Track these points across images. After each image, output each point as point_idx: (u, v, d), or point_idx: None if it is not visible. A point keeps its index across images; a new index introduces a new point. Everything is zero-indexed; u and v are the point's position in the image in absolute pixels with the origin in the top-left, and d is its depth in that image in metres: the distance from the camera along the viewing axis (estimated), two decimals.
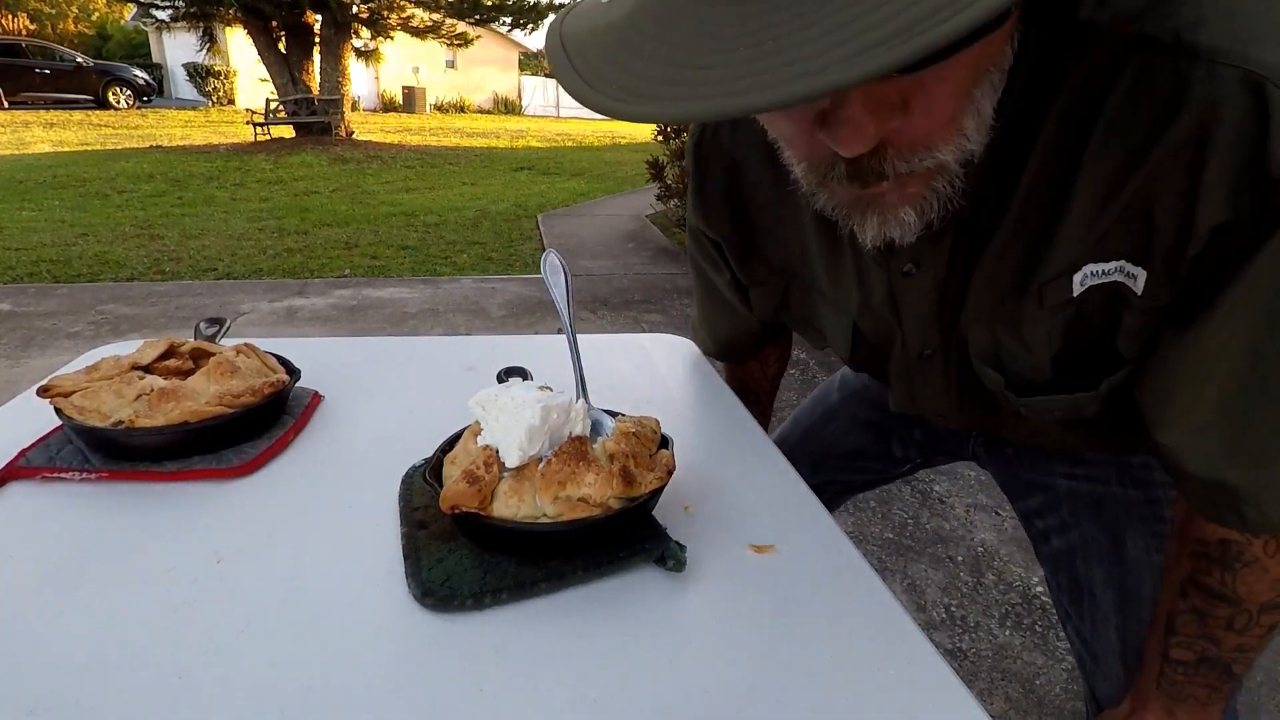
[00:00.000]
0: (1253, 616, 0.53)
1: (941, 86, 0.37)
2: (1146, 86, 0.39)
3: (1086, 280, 0.47)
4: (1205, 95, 0.38)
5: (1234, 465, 0.48)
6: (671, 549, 0.51)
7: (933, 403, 0.67)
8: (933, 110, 0.37)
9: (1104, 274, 0.46)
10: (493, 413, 0.53)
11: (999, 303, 0.52)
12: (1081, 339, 0.51)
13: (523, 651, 0.44)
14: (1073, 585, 0.71)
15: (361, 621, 0.46)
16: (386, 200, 6.59)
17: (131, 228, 5.31)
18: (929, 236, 0.50)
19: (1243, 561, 0.52)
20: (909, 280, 0.55)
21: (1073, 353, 0.52)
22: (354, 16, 10.94)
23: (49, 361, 2.90)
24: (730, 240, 0.69)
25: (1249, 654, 0.55)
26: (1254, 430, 0.46)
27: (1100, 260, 0.46)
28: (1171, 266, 0.44)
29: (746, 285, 0.72)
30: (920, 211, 0.43)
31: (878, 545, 1.87)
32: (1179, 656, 0.57)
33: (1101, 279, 0.47)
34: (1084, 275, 0.47)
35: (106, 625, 0.45)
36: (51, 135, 10.39)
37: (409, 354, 0.92)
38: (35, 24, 22.71)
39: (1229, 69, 0.37)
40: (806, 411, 1.01)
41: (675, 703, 0.40)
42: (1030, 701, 1.42)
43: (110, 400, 0.63)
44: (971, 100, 0.39)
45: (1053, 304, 0.49)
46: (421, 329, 3.39)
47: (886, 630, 0.46)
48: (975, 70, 0.38)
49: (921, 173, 0.40)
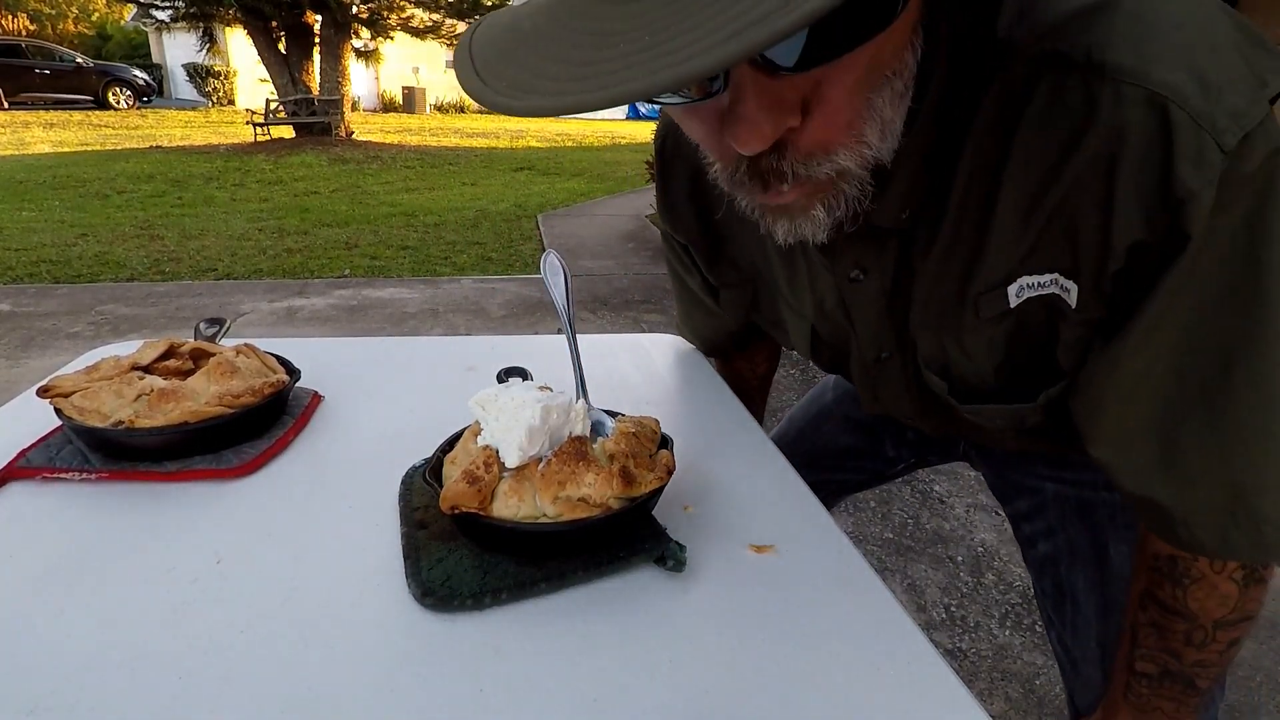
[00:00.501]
0: (1208, 633, 0.52)
1: (836, 89, 0.37)
2: (1060, 103, 0.40)
3: (1023, 292, 0.48)
4: (1112, 115, 0.38)
5: (1163, 484, 0.48)
6: (671, 549, 0.51)
7: (896, 405, 0.67)
8: (830, 113, 0.37)
9: (1040, 286, 0.47)
10: (493, 413, 0.53)
11: (941, 312, 0.52)
12: (1024, 350, 0.51)
13: (523, 651, 0.44)
14: (1056, 591, 0.71)
15: (361, 621, 0.46)
16: (386, 200, 6.59)
17: (131, 228, 5.31)
18: (874, 244, 0.51)
19: (1190, 578, 0.52)
20: (857, 286, 0.55)
21: (1016, 363, 0.53)
22: (354, 16, 10.94)
23: (49, 362, 2.90)
24: (697, 244, 0.70)
25: (1210, 669, 0.54)
26: (1181, 450, 0.46)
27: (1035, 273, 0.46)
28: (1097, 281, 0.44)
29: (717, 287, 0.73)
30: (829, 209, 0.43)
31: (878, 545, 1.87)
32: (1143, 669, 0.57)
33: (1038, 291, 0.47)
34: (1019, 287, 0.47)
35: (106, 625, 0.45)
36: (51, 135, 10.39)
37: (409, 354, 0.92)
38: (35, 24, 22.71)
39: (1134, 89, 0.37)
40: (801, 411, 1.01)
41: (675, 703, 0.40)
42: (1030, 701, 1.42)
43: (110, 400, 0.63)
44: (871, 107, 0.39)
45: (990, 315, 0.50)
46: (421, 329, 3.39)
47: (886, 630, 0.46)
48: (871, 74, 0.38)
49: (822, 178, 0.40)
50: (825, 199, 0.42)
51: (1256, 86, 0.37)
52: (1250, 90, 0.37)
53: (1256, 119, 0.37)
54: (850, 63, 0.36)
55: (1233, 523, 0.46)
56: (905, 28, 0.38)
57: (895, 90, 0.39)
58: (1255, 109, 0.37)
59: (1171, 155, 0.37)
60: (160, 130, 11.65)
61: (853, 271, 0.54)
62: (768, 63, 0.34)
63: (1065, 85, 0.39)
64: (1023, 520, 0.76)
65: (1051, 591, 0.72)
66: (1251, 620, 0.52)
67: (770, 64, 0.34)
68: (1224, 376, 0.43)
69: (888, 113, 0.40)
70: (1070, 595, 0.70)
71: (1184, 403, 0.45)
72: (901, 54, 0.39)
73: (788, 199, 0.41)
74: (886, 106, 0.39)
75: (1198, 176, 0.37)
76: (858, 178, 0.41)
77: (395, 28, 11.73)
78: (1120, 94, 0.38)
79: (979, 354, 0.53)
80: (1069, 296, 0.46)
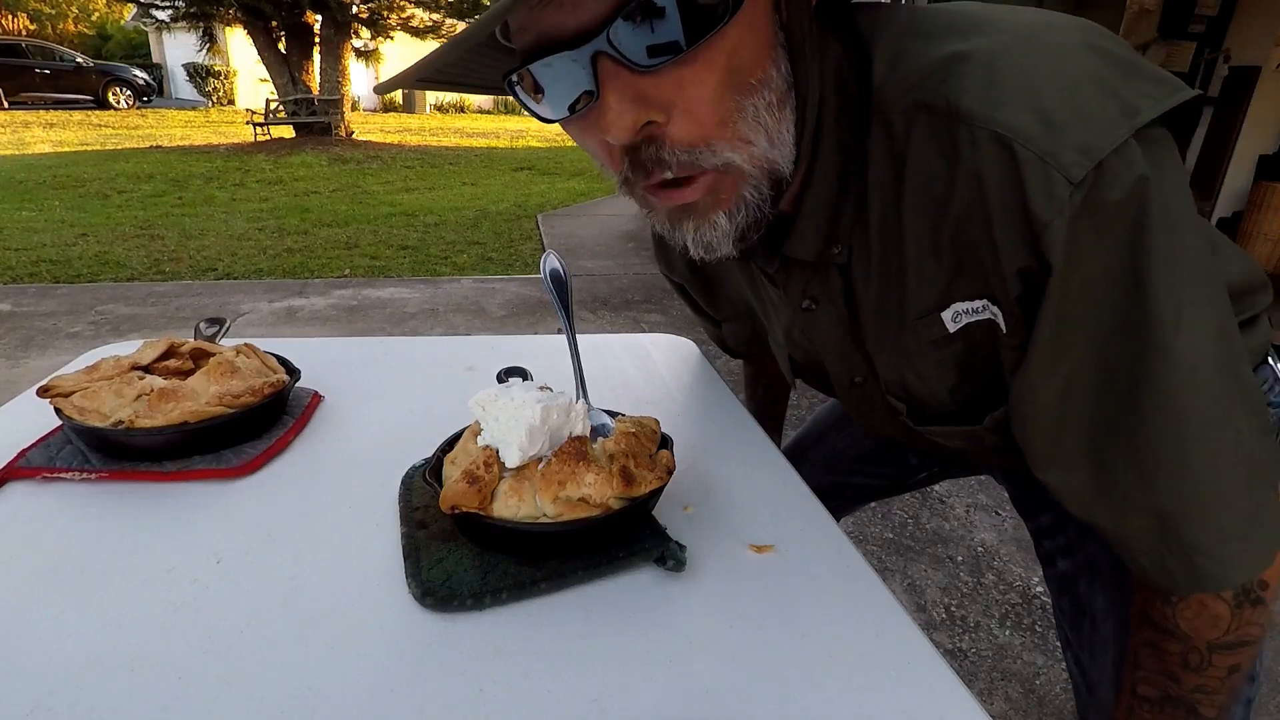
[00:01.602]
0: (1204, 656, 0.51)
1: (697, 88, 0.40)
2: (933, 149, 0.43)
3: (960, 318, 0.49)
4: (971, 157, 0.41)
5: (1101, 510, 0.48)
6: (671, 549, 0.51)
7: (884, 428, 0.67)
8: (695, 108, 0.40)
9: (974, 312, 0.48)
10: (493, 413, 0.53)
11: (889, 338, 0.54)
12: (975, 372, 0.53)
13: (523, 651, 0.44)
14: (1075, 610, 0.70)
15: (361, 621, 0.46)
16: (386, 200, 6.59)
17: (131, 228, 5.31)
18: (818, 276, 0.54)
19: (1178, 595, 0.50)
20: (811, 315, 0.58)
21: (969, 385, 0.54)
22: (354, 17, 10.94)
23: (49, 361, 2.90)
24: (691, 284, 0.76)
25: (1213, 696, 0.52)
26: (1111, 476, 0.45)
27: (966, 299, 0.48)
28: (1010, 307, 0.45)
29: (719, 321, 0.78)
30: (729, 216, 0.44)
31: (878, 545, 1.87)
32: (1144, 693, 0.55)
33: (974, 316, 0.48)
34: (954, 313, 0.49)
35: (106, 625, 0.45)
36: (51, 135, 10.39)
37: (409, 354, 0.92)
38: (35, 24, 22.71)
39: (984, 131, 0.40)
40: (825, 414, 1.02)
41: (675, 703, 0.40)
42: (1030, 701, 1.42)
43: (110, 400, 0.63)
44: (743, 109, 0.42)
45: (931, 339, 0.51)
46: (421, 329, 3.39)
47: (886, 630, 0.46)
48: (731, 78, 0.41)
49: (709, 168, 0.42)
50: (726, 206, 0.44)
51: (1116, 117, 0.38)
52: (1102, 123, 0.38)
53: (1109, 148, 0.38)
54: (704, 63, 0.39)
55: (1167, 551, 0.46)
56: (755, 39, 0.41)
57: (768, 100, 0.42)
58: (1107, 139, 0.38)
59: (1023, 190, 0.40)
60: (160, 130, 11.65)
61: (804, 302, 0.57)
62: (624, 60, 0.39)
63: (935, 133, 0.42)
64: (1044, 536, 0.75)
65: (1070, 610, 0.71)
66: (1252, 645, 0.50)
67: (627, 61, 0.39)
68: (1132, 403, 0.43)
69: (767, 119, 0.43)
70: (1089, 614, 0.68)
71: (1106, 427, 0.45)
72: (762, 64, 0.42)
73: (687, 198, 0.44)
74: (764, 113, 0.42)
75: (1048, 208, 0.39)
76: (752, 179, 0.44)
77: (395, 28, 11.73)
78: (975, 137, 0.40)
79: (930, 377, 0.55)
80: (1000, 320, 0.47)
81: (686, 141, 0.41)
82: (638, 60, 0.39)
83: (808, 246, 0.51)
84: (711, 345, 0.98)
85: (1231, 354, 0.43)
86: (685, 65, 0.39)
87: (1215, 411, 0.42)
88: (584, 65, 0.39)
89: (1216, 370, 0.42)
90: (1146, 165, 0.39)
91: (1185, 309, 0.41)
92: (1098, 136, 0.38)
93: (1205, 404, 0.42)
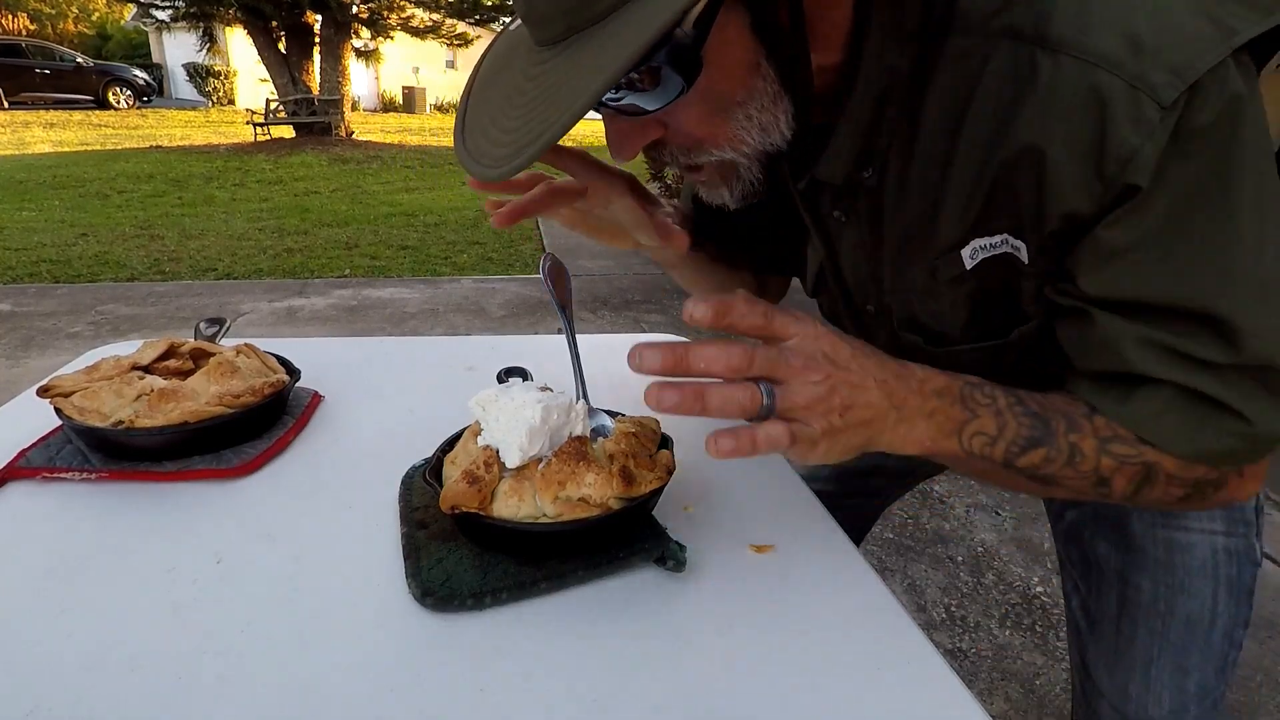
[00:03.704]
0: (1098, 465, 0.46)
1: (684, 122, 0.46)
2: (1009, 73, 0.43)
3: (977, 254, 0.50)
4: (1049, 85, 0.41)
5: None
6: (671, 549, 0.51)
7: None
8: (686, 135, 0.47)
9: (992, 247, 0.49)
10: (493, 413, 0.53)
11: (908, 276, 0.55)
12: (985, 308, 0.53)
13: (523, 651, 0.44)
14: (1082, 558, 0.73)
15: (361, 621, 0.46)
16: (386, 200, 6.59)
17: (131, 228, 5.31)
18: (849, 194, 0.55)
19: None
20: (841, 226, 0.58)
21: (980, 321, 0.55)
22: (354, 16, 10.93)
23: (49, 361, 2.90)
24: None
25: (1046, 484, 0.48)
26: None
27: (986, 235, 0.49)
28: (1041, 240, 0.46)
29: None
30: (730, 186, 0.51)
31: (878, 545, 1.87)
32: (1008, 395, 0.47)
33: (991, 251, 0.49)
34: (973, 249, 0.50)
35: (106, 625, 0.45)
36: (51, 135, 10.39)
37: (409, 354, 0.92)
38: (35, 24, 22.71)
39: (1071, 60, 0.40)
40: None
41: (675, 703, 0.40)
42: (1030, 701, 1.42)
43: (110, 400, 0.63)
44: (732, 123, 0.46)
45: (949, 278, 0.52)
46: (421, 329, 3.39)
47: (886, 630, 0.46)
48: (714, 107, 0.45)
49: (710, 163, 0.49)
50: (729, 184, 0.51)
51: (1211, 38, 0.38)
52: (1197, 44, 0.38)
53: (1203, 69, 0.38)
54: (684, 104, 0.44)
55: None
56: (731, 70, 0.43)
57: (759, 105, 0.45)
58: (1201, 60, 0.38)
59: (1106, 120, 0.39)
60: (160, 130, 11.65)
61: (835, 211, 0.57)
62: (615, 111, 0.46)
63: (1015, 56, 0.42)
64: None
65: (1078, 559, 0.73)
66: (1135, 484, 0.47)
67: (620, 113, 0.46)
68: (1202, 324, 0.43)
69: (762, 118, 0.46)
70: (1094, 560, 0.71)
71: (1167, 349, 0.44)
72: (743, 83, 0.44)
73: (696, 178, 0.52)
74: (756, 116, 0.46)
75: (1137, 133, 0.39)
76: (748, 163, 0.49)
77: (395, 28, 11.72)
78: (1059, 64, 0.40)
79: (944, 314, 0.55)
80: (1020, 254, 0.47)
81: (690, 149, 0.48)
82: (628, 113, 0.46)
83: (836, 170, 0.52)
84: None
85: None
86: (670, 109, 0.45)
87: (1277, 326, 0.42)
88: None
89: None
90: (1242, 85, 0.39)
91: (1270, 229, 0.41)
92: (1191, 57, 0.38)
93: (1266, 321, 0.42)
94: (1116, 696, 0.69)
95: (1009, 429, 0.46)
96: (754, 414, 0.40)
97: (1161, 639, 0.66)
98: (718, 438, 0.39)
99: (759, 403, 0.40)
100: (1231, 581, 0.65)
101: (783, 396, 0.40)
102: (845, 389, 0.41)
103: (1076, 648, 0.75)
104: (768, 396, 0.40)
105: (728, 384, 0.40)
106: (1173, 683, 0.66)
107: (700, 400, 0.39)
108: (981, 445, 0.46)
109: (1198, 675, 0.66)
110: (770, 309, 0.41)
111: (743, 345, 0.40)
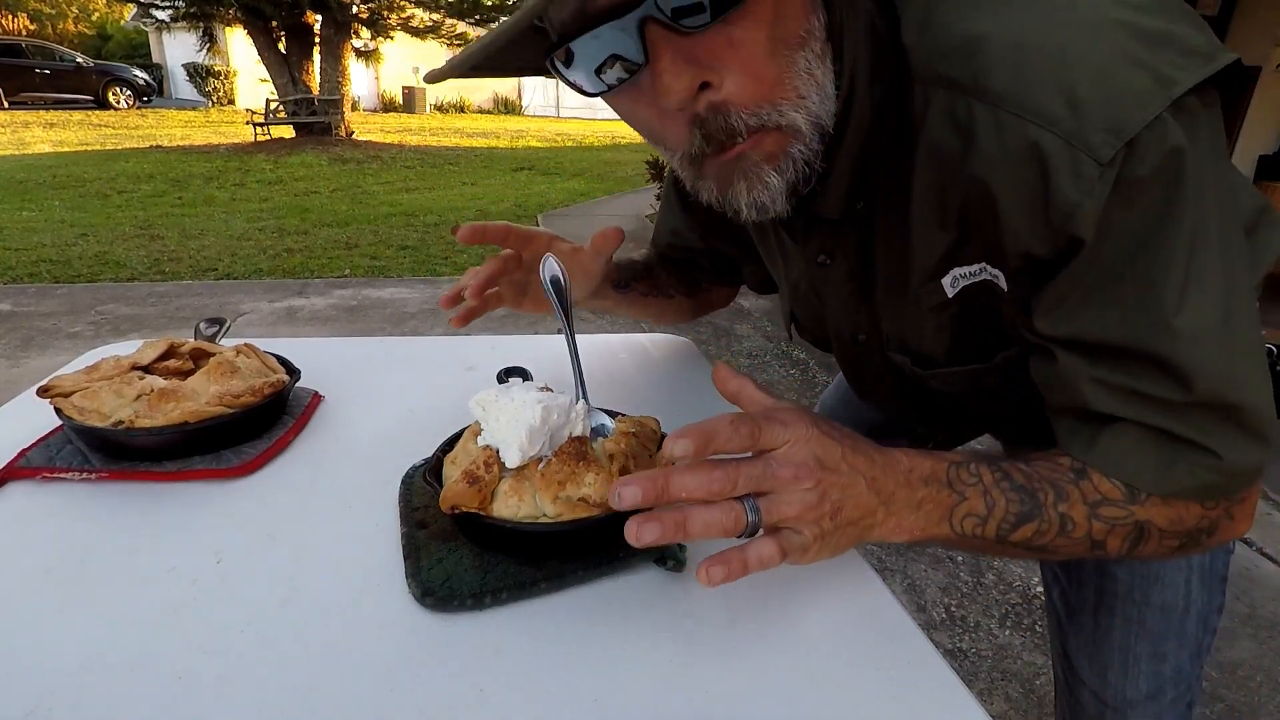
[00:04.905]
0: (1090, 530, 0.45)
1: (749, 47, 0.40)
2: (951, 123, 0.43)
3: (958, 282, 0.51)
4: (989, 141, 0.41)
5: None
6: (671, 549, 0.51)
7: (878, 387, 0.69)
8: (751, 66, 0.41)
9: (972, 275, 0.50)
10: (493, 413, 0.53)
11: (896, 299, 0.56)
12: (969, 333, 0.54)
13: (523, 651, 0.44)
14: None
15: (361, 621, 0.46)
16: (386, 200, 6.59)
17: (131, 228, 5.31)
18: (836, 232, 0.55)
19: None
20: (825, 270, 0.59)
21: (963, 345, 0.56)
22: (354, 16, 10.93)
23: (49, 361, 2.90)
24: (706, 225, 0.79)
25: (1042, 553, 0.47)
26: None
27: (964, 264, 0.49)
28: (1011, 274, 0.47)
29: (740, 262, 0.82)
30: (781, 173, 0.45)
31: (878, 545, 1.87)
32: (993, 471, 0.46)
33: (972, 279, 0.50)
34: (953, 278, 0.51)
35: (106, 625, 0.45)
36: (51, 135, 10.39)
37: (409, 354, 0.92)
38: (35, 24, 22.71)
39: (1010, 116, 0.40)
40: (831, 393, 1.03)
41: (675, 703, 0.40)
42: (1030, 701, 1.42)
43: (110, 400, 0.63)
44: (796, 66, 0.42)
45: (932, 305, 0.53)
46: (421, 329, 3.39)
47: (886, 630, 0.46)
48: (781, 31, 0.41)
49: (772, 127, 0.43)
50: (775, 163, 0.44)
51: (1148, 93, 0.38)
52: (1134, 99, 0.38)
53: (1140, 125, 0.38)
54: (752, 19, 0.40)
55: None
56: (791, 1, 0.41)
57: (815, 52, 0.43)
58: (1138, 116, 0.38)
59: (1048, 175, 0.40)
60: (160, 130, 11.65)
61: (820, 256, 0.58)
62: (672, 23, 0.39)
63: (955, 107, 0.43)
64: None
65: None
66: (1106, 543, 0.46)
67: (676, 24, 0.39)
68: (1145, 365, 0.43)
69: (817, 73, 0.43)
70: None
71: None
72: (805, 14, 0.42)
73: (741, 149, 0.44)
74: (814, 68, 0.43)
75: (1078, 189, 0.40)
76: (805, 137, 0.44)
77: (395, 28, 11.72)
78: (999, 120, 0.41)
79: (928, 339, 0.57)
80: (999, 281, 0.48)
81: (751, 103, 0.42)
82: (686, 22, 0.39)
83: (833, 205, 0.52)
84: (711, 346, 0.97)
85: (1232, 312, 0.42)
86: (734, 23, 0.39)
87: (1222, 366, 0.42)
88: (631, 34, 0.40)
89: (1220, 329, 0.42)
90: (1182, 136, 0.39)
91: (1193, 282, 0.41)
92: (1130, 112, 0.38)
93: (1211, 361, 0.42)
94: (1096, 683, 0.71)
95: (998, 507, 0.45)
96: (739, 534, 0.40)
97: (1138, 627, 0.68)
98: (709, 568, 0.39)
99: (744, 522, 0.40)
100: (1204, 569, 0.67)
101: (773, 507, 0.40)
102: (836, 491, 0.41)
103: (1058, 638, 0.77)
104: (752, 513, 0.40)
105: (710, 505, 0.39)
106: (1150, 668, 0.69)
107: (682, 529, 0.39)
108: (972, 527, 0.45)
109: (1173, 660, 0.68)
110: (757, 423, 0.40)
111: (724, 467, 0.39)
